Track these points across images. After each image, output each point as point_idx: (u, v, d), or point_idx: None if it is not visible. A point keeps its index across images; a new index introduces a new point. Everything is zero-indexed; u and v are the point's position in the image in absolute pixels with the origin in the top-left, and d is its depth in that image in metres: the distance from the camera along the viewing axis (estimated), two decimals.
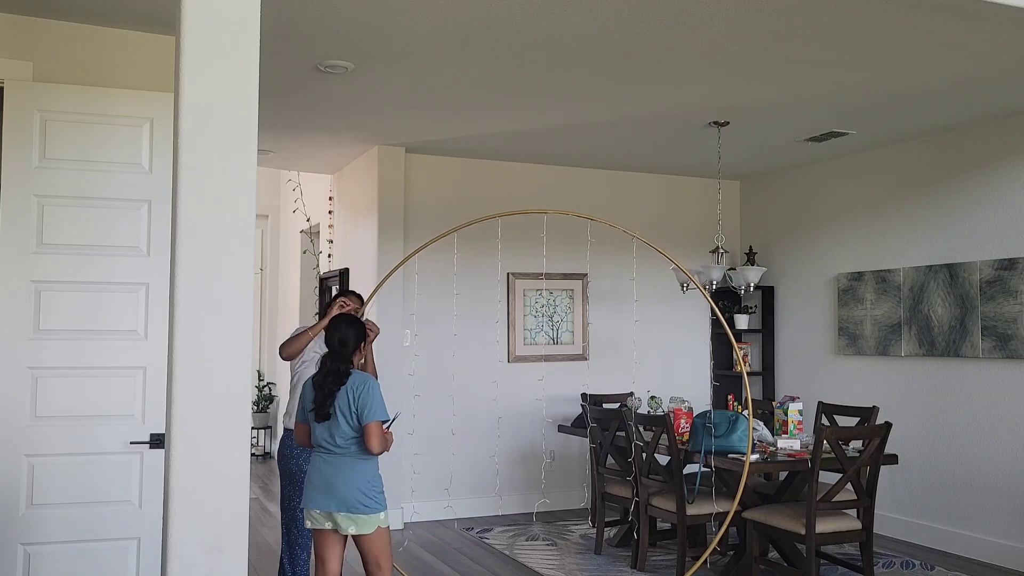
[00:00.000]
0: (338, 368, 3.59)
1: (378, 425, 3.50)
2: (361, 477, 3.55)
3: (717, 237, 7.81)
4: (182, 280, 2.30)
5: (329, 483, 3.53)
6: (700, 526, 5.53)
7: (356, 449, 3.55)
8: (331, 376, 3.57)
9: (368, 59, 4.47)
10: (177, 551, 2.26)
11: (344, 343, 3.63)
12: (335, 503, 3.51)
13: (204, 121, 2.33)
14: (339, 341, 3.63)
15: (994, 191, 5.72)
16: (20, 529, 3.24)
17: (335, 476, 3.53)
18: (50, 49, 3.58)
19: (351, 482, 3.52)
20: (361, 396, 3.52)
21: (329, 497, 3.52)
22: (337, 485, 3.51)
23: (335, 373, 3.58)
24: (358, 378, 3.60)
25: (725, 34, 4.07)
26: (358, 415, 3.51)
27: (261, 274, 10.46)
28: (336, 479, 3.52)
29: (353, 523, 3.51)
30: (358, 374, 3.61)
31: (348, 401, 3.52)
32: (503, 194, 7.14)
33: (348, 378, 3.57)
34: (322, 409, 3.54)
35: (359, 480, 3.54)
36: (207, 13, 2.35)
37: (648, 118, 5.70)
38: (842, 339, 6.76)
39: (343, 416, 3.52)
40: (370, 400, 3.51)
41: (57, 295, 3.32)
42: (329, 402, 3.53)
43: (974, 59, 4.41)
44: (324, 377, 3.59)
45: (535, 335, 7.16)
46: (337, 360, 3.60)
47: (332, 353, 3.62)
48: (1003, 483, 5.58)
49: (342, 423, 3.52)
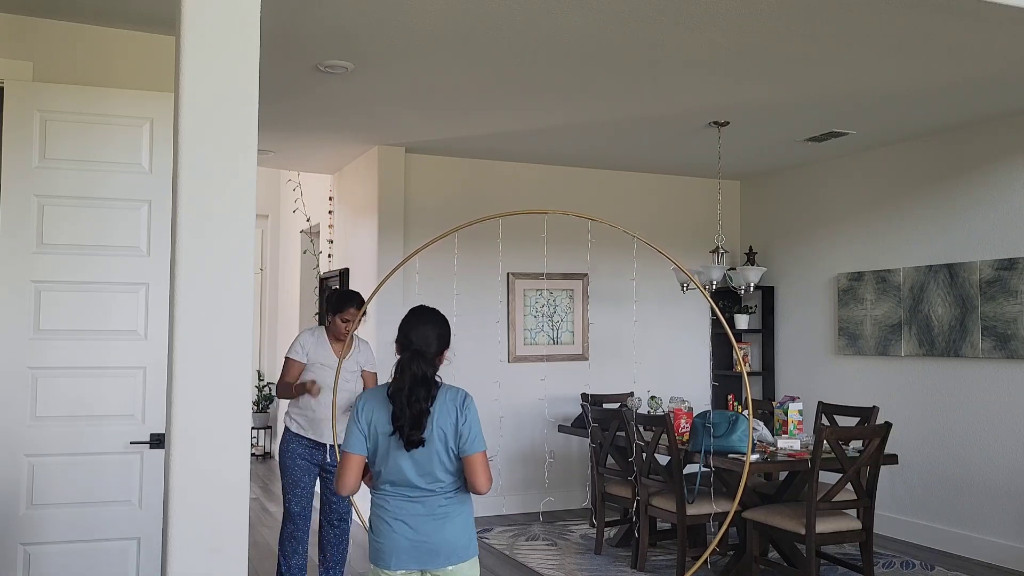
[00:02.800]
0: (426, 375, 2.66)
1: (485, 456, 2.67)
2: (467, 521, 2.72)
3: (717, 237, 7.81)
4: (182, 280, 2.30)
5: (427, 538, 2.64)
6: (700, 526, 5.53)
7: (455, 487, 2.70)
8: (420, 386, 2.65)
9: (368, 59, 4.47)
10: (177, 551, 2.26)
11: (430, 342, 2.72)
12: (440, 559, 2.65)
13: (204, 121, 2.33)
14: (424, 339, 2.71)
15: (994, 191, 5.72)
16: (20, 529, 3.24)
17: (435, 528, 2.65)
18: (50, 49, 3.58)
19: (457, 530, 2.68)
20: (464, 415, 2.67)
21: (429, 555, 2.65)
22: (440, 538, 2.64)
23: (424, 383, 2.66)
24: (452, 391, 2.71)
25: (725, 34, 4.07)
26: (457, 442, 2.66)
27: (261, 274, 10.46)
28: (437, 531, 2.65)
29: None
30: (448, 386, 2.73)
31: (444, 422, 2.66)
32: (503, 194, 7.14)
33: (439, 390, 2.70)
34: (414, 432, 2.61)
35: (466, 525, 2.71)
36: (207, 13, 2.35)
37: (648, 118, 5.70)
38: (842, 339, 6.76)
39: (440, 442, 2.65)
40: (475, 422, 2.68)
41: (57, 295, 3.32)
42: (423, 422, 2.62)
43: (974, 59, 4.41)
44: (410, 387, 2.65)
45: (535, 335, 7.16)
46: (424, 364, 2.67)
47: (415, 355, 2.69)
48: (1003, 483, 5.58)
49: (440, 452, 2.64)
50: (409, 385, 2.64)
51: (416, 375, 2.65)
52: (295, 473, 4.39)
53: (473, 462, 2.63)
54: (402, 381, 2.65)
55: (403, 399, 2.62)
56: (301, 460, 4.40)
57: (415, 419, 2.61)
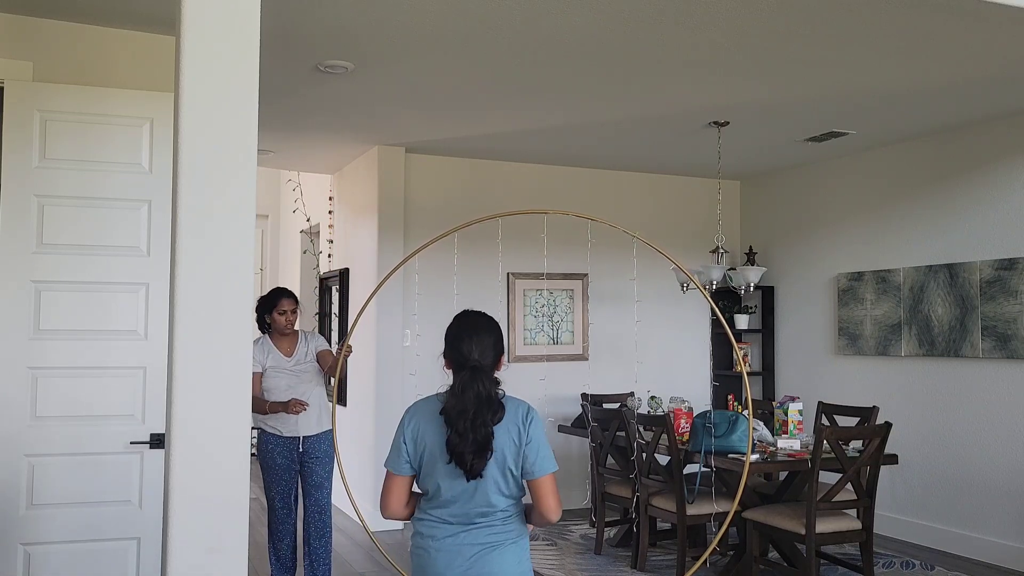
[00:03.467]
0: (491, 394, 2.33)
1: (554, 479, 2.35)
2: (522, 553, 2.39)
3: (717, 237, 7.80)
4: (182, 280, 2.30)
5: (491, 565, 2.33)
6: (700, 526, 5.53)
7: (510, 514, 2.39)
8: (486, 407, 2.30)
9: (368, 59, 4.47)
10: (177, 551, 2.26)
11: (487, 354, 2.39)
12: None
13: (204, 121, 2.33)
14: (481, 352, 2.37)
15: (994, 191, 5.72)
16: (20, 529, 3.24)
17: (487, 560, 2.33)
18: (50, 49, 3.58)
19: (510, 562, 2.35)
20: (529, 434, 2.34)
21: None
22: (491, 571, 2.32)
23: (489, 402, 2.31)
24: (514, 406, 2.39)
25: (725, 34, 4.07)
26: (520, 463, 2.33)
27: (261, 274, 10.46)
28: (489, 563, 2.32)
29: None
30: (511, 400, 2.40)
31: (504, 442, 2.32)
32: (503, 194, 7.14)
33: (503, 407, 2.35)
34: (478, 461, 2.28)
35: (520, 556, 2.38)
36: (207, 13, 2.35)
37: (648, 118, 5.70)
38: (842, 339, 6.76)
39: (498, 465, 2.32)
40: (543, 441, 2.36)
41: (57, 295, 3.32)
42: (489, 447, 2.29)
43: (974, 59, 4.41)
44: (476, 409, 2.30)
45: (535, 335, 7.16)
46: (486, 381, 2.34)
47: (476, 370, 2.34)
48: (1003, 483, 5.58)
49: (497, 475, 2.32)
50: (475, 408, 2.29)
51: (481, 395, 2.30)
52: (275, 470, 4.49)
53: (540, 486, 2.32)
54: (464, 402, 2.29)
55: (467, 423, 2.27)
56: (280, 458, 4.48)
57: (481, 445, 2.27)
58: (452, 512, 2.35)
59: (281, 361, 4.52)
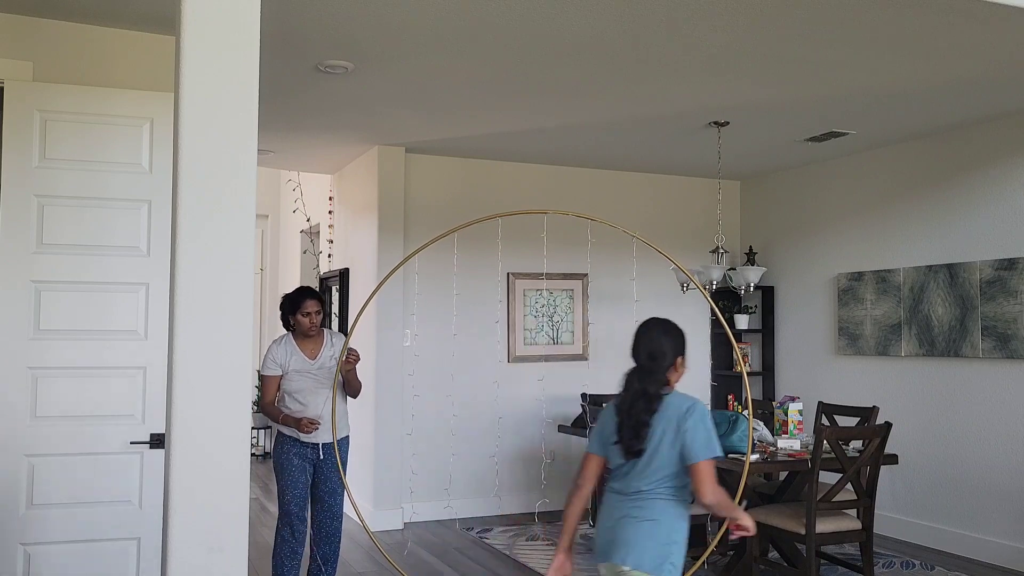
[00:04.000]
0: (647, 391, 2.79)
1: (710, 465, 2.71)
2: (673, 530, 2.76)
3: (717, 237, 7.80)
4: (182, 280, 2.30)
5: (625, 532, 2.74)
6: (700, 526, 5.53)
7: (669, 493, 2.78)
8: (641, 401, 2.78)
9: (368, 59, 4.47)
10: (177, 551, 2.26)
11: (656, 356, 2.81)
12: (631, 558, 2.70)
13: (204, 121, 2.33)
14: (649, 355, 2.83)
15: (994, 191, 5.72)
16: (20, 529, 3.25)
17: (634, 525, 2.74)
18: (50, 49, 3.58)
19: (657, 535, 2.73)
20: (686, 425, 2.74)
21: (622, 549, 2.72)
22: (635, 535, 2.72)
23: (645, 397, 2.78)
24: (679, 401, 2.80)
25: (725, 34, 4.07)
26: (681, 450, 2.73)
27: (261, 274, 10.46)
28: (635, 528, 2.73)
29: None
30: (679, 396, 2.82)
31: (666, 431, 2.75)
32: (503, 194, 7.14)
33: (663, 402, 2.79)
34: (633, 444, 2.75)
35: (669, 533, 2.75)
36: (207, 13, 2.35)
37: (648, 118, 5.70)
38: (842, 339, 6.76)
39: (660, 450, 2.75)
40: (699, 431, 2.72)
41: (57, 295, 3.32)
42: (643, 435, 2.75)
43: (974, 59, 4.41)
44: (632, 402, 2.80)
45: (535, 335, 7.16)
46: (646, 380, 2.80)
47: (640, 370, 2.83)
48: (1003, 483, 5.58)
49: (657, 459, 2.75)
50: (631, 399, 2.79)
51: (637, 390, 2.79)
52: (292, 473, 4.39)
53: (695, 471, 2.70)
54: (626, 396, 2.81)
55: (626, 412, 2.78)
56: (297, 460, 4.39)
57: (634, 430, 2.75)
58: (618, 484, 2.83)
59: (304, 364, 4.40)
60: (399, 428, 6.61)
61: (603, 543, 2.81)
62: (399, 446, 6.61)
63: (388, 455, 6.56)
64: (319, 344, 4.46)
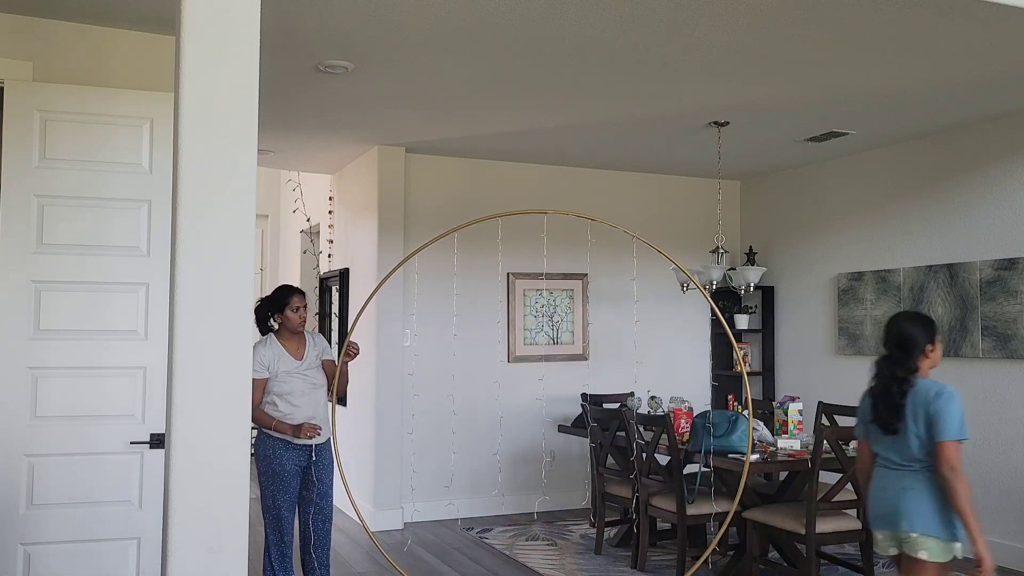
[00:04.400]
0: (896, 375, 3.17)
1: (954, 446, 3.03)
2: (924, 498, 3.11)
3: (717, 237, 7.80)
4: (182, 280, 2.30)
5: (894, 500, 3.16)
6: (700, 526, 5.53)
7: (923, 468, 3.14)
8: (893, 384, 3.17)
9: (368, 59, 4.47)
10: (177, 551, 2.26)
11: (906, 344, 3.19)
12: (904, 521, 3.11)
13: (204, 121, 2.33)
14: (898, 343, 3.22)
15: (994, 191, 5.72)
16: (20, 529, 3.24)
17: (901, 493, 3.14)
18: (50, 49, 3.58)
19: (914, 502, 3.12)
20: (931, 409, 3.08)
21: (894, 516, 3.14)
22: (903, 501, 3.13)
23: (896, 381, 3.17)
24: (927, 386, 3.14)
25: (725, 34, 4.07)
26: (927, 431, 3.09)
27: (261, 274, 10.46)
28: (902, 495, 3.13)
29: (924, 548, 3.08)
30: (927, 382, 3.16)
31: (916, 412, 3.12)
32: (503, 194, 7.14)
33: (913, 387, 3.16)
34: (889, 424, 3.16)
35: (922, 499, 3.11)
36: (207, 13, 2.35)
37: (648, 118, 5.70)
38: (842, 339, 6.76)
39: (911, 429, 3.13)
40: (943, 414, 3.05)
41: (57, 295, 3.32)
42: (896, 416, 3.14)
43: (974, 59, 4.41)
44: (884, 386, 3.20)
45: (535, 335, 7.16)
46: (896, 366, 3.19)
47: (888, 358, 3.23)
48: (1003, 483, 5.58)
49: (910, 438, 3.13)
50: (883, 384, 3.19)
51: (886, 376, 3.19)
52: (284, 477, 4.29)
53: (939, 449, 3.04)
54: (879, 380, 3.22)
55: (877, 396, 3.21)
56: (289, 464, 4.30)
57: (888, 411, 3.15)
58: (885, 459, 3.22)
59: (293, 364, 4.33)
60: (399, 428, 6.61)
61: (884, 512, 3.17)
62: (399, 446, 6.61)
63: (388, 455, 6.56)
64: (303, 344, 4.40)
